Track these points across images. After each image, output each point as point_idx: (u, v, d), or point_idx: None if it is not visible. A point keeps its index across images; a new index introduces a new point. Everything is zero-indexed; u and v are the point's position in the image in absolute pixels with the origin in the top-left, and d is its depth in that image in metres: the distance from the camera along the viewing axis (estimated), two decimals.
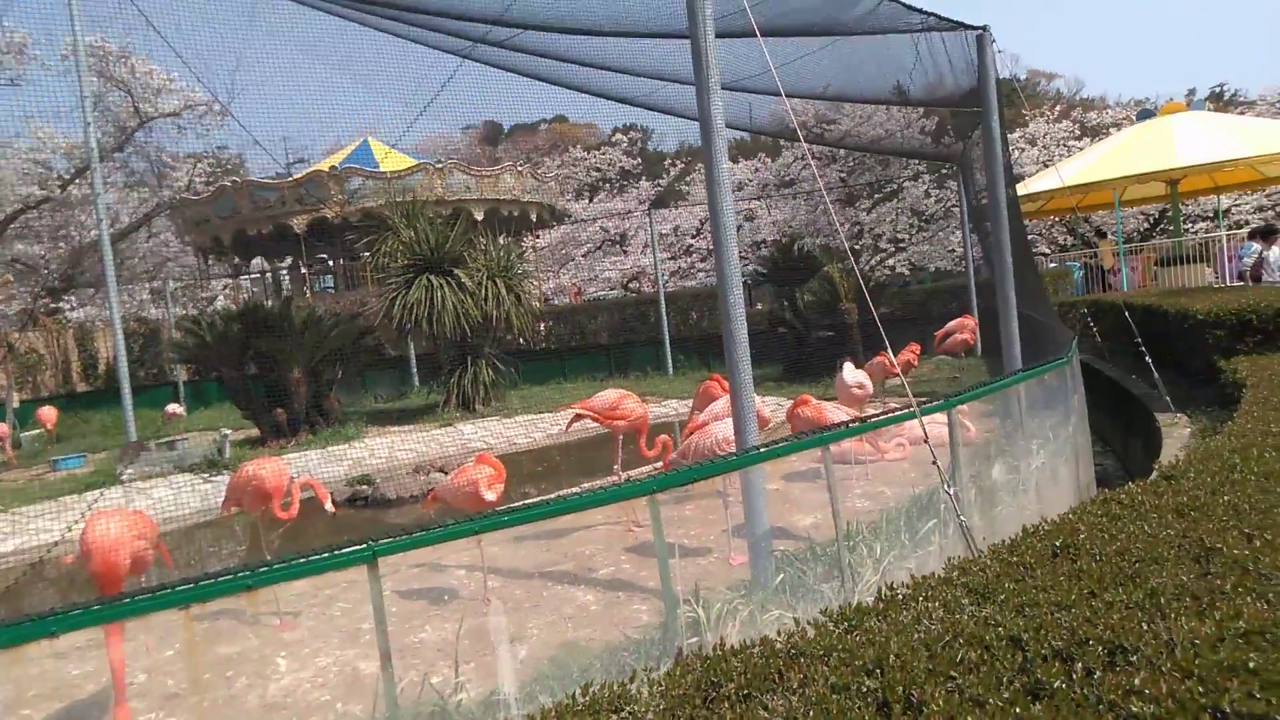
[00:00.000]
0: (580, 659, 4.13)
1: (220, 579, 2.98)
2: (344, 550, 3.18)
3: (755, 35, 4.89)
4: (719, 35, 6.27)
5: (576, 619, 4.95)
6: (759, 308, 21.69)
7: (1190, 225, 27.08)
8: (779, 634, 2.64)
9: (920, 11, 7.22)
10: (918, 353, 11.46)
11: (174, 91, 19.90)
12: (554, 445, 12.27)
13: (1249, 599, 2.38)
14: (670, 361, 18.49)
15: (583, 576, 5.67)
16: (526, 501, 6.53)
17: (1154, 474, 3.83)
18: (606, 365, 19.45)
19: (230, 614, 5.37)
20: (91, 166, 11.53)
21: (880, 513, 5.47)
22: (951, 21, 7.75)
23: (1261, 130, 19.40)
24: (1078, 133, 29.89)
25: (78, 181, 20.36)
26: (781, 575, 4.46)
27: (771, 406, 11.31)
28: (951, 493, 4.26)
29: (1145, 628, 2.25)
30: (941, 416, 5.12)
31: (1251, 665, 1.95)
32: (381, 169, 20.90)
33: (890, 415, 4.87)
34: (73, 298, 24.35)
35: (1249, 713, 1.83)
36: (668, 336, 18.67)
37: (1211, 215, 26.84)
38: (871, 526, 5.14)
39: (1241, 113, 29.18)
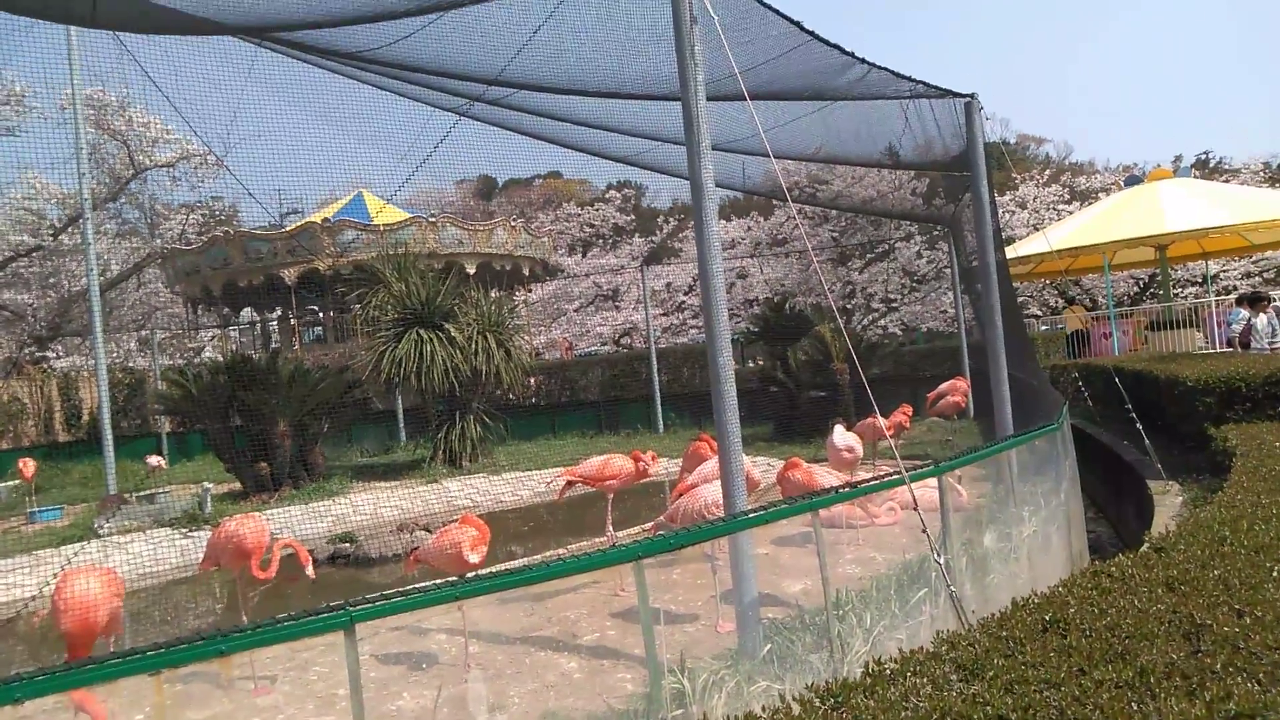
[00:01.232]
0: None
1: (193, 644, 2.90)
2: (320, 614, 3.10)
3: (745, 99, 4.95)
4: (711, 98, 6.37)
5: (559, 687, 4.83)
6: (750, 366, 21.72)
7: (1180, 290, 27.39)
8: (764, 710, 2.57)
9: (909, 79, 7.35)
10: (910, 414, 11.43)
11: (170, 142, 20.09)
12: (541, 503, 12.15)
13: (1239, 679, 2.33)
14: (661, 419, 18.43)
15: (567, 643, 5.55)
16: (509, 565, 6.44)
17: (1144, 546, 3.79)
18: (596, 422, 19.36)
19: (203, 677, 5.23)
20: (84, 216, 11.56)
21: (871, 580, 5.39)
22: (940, 89, 7.89)
23: (1248, 198, 19.74)
24: (1067, 197, 30.38)
25: (69, 230, 20.42)
26: (769, 645, 4.36)
27: (762, 467, 11.27)
28: (941, 561, 4.20)
29: (1135, 708, 2.20)
30: (932, 481, 5.08)
31: None
32: (375, 222, 21.01)
33: (880, 481, 4.82)
34: (59, 346, 24.23)
35: None
36: (659, 393, 18.63)
37: (1200, 280, 27.16)
38: (861, 595, 5.05)
39: (1227, 180, 29.73)
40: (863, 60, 6.69)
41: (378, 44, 6.08)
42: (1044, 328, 24.18)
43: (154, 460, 16.35)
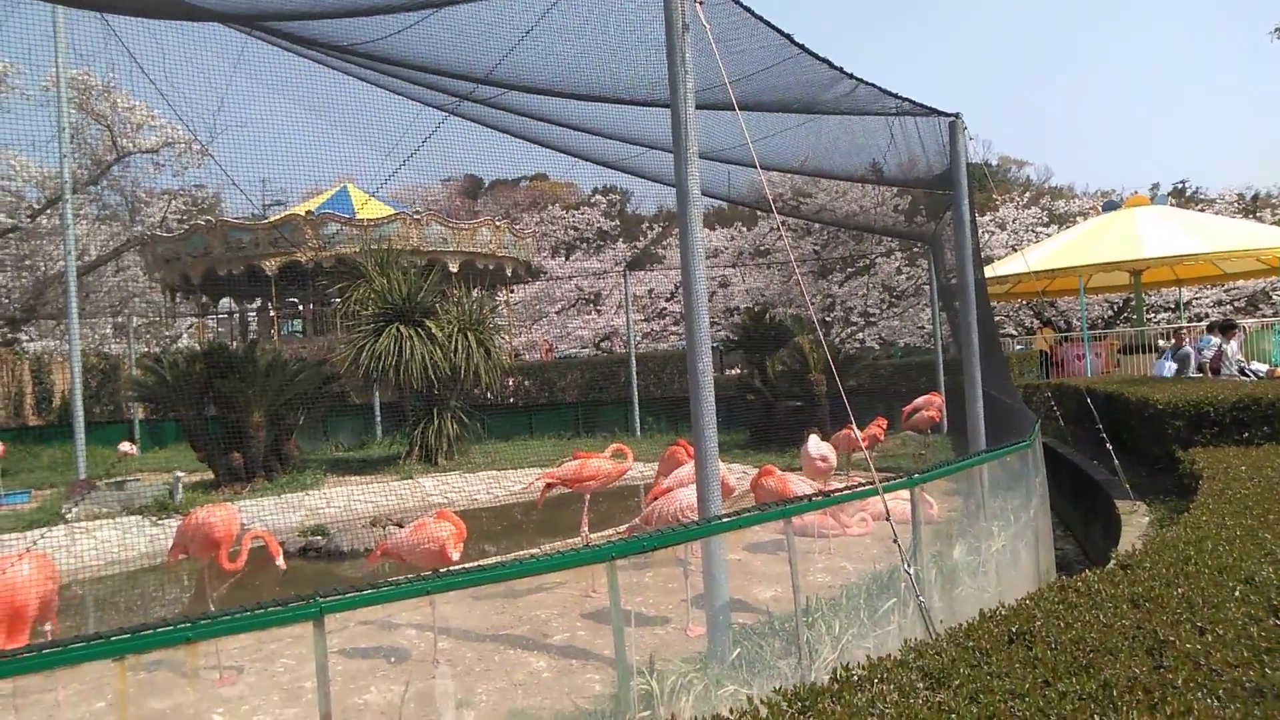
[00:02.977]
0: None
1: (159, 630, 2.89)
2: (290, 604, 3.10)
3: (734, 109, 4.98)
4: (700, 107, 6.40)
5: (528, 686, 4.82)
6: (729, 374, 21.79)
7: (1152, 315, 27.78)
8: (731, 712, 2.59)
9: (896, 96, 7.43)
10: (884, 427, 11.52)
11: (155, 128, 19.90)
12: (516, 503, 12.12)
13: (1200, 694, 2.38)
14: (638, 422, 18.45)
15: (537, 641, 5.55)
16: (482, 562, 6.43)
17: (1111, 563, 3.85)
18: (574, 423, 19.35)
19: (167, 665, 5.17)
20: (63, 198, 11.44)
21: (841, 589, 5.43)
22: (926, 107, 7.98)
23: (1222, 228, 20.09)
24: (1046, 219, 30.74)
25: (48, 212, 20.18)
26: (739, 649, 4.39)
27: (737, 474, 11.27)
28: (911, 572, 4.24)
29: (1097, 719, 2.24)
30: (905, 493, 5.12)
31: None
32: (359, 216, 20.94)
33: (854, 491, 4.86)
34: (32, 329, 23.91)
35: None
36: (637, 397, 18.65)
37: (1173, 306, 27.56)
38: (831, 603, 5.08)
39: (1202, 209, 30.23)
40: (851, 75, 6.75)
41: (369, 38, 6.07)
42: (1019, 347, 24.42)
43: (125, 447, 16.16)
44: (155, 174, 21.42)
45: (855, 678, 2.77)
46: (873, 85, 6.95)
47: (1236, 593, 3.23)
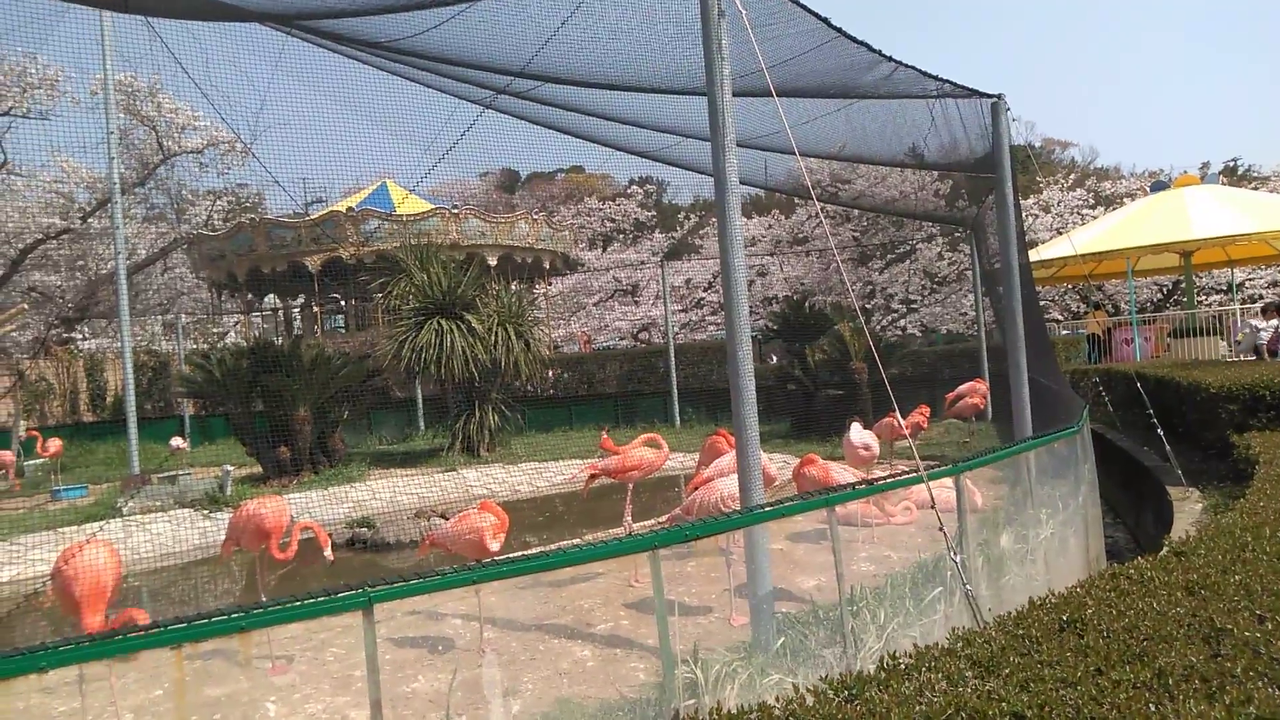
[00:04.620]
0: (574, 717, 4.05)
1: (213, 619, 2.95)
2: (340, 594, 3.15)
3: (772, 95, 4.94)
4: (736, 94, 6.36)
5: (572, 674, 4.86)
6: (769, 363, 21.68)
7: (1204, 298, 27.10)
8: (777, 700, 2.59)
9: (936, 78, 7.32)
10: (927, 415, 11.39)
11: (198, 129, 20.28)
12: (558, 494, 12.19)
13: (1260, 683, 2.32)
14: (678, 413, 18.45)
15: (581, 631, 5.59)
16: (526, 552, 6.47)
17: (1164, 549, 3.77)
18: (613, 415, 19.40)
19: (221, 654, 5.29)
20: (113, 200, 11.70)
21: (885, 578, 5.39)
22: (967, 89, 7.85)
23: (1275, 206, 19.50)
24: (1091, 201, 30.11)
25: (98, 214, 20.65)
26: (783, 638, 4.37)
27: (779, 464, 11.26)
28: (957, 560, 4.19)
29: (1153, 709, 2.20)
30: (949, 481, 5.07)
31: None
32: (398, 212, 21.12)
33: (897, 479, 4.82)
34: (85, 328, 24.52)
35: None
36: (676, 388, 18.64)
37: (1225, 289, 26.87)
38: (876, 592, 5.05)
39: (1255, 188, 29.38)
40: (890, 58, 6.67)
41: (405, 34, 6.12)
42: (1064, 332, 23.98)
43: (177, 442, 16.53)
44: (200, 174, 21.84)
45: (903, 666, 2.75)
46: (912, 68, 6.85)
47: None
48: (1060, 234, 24.89)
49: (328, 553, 5.51)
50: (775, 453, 12.52)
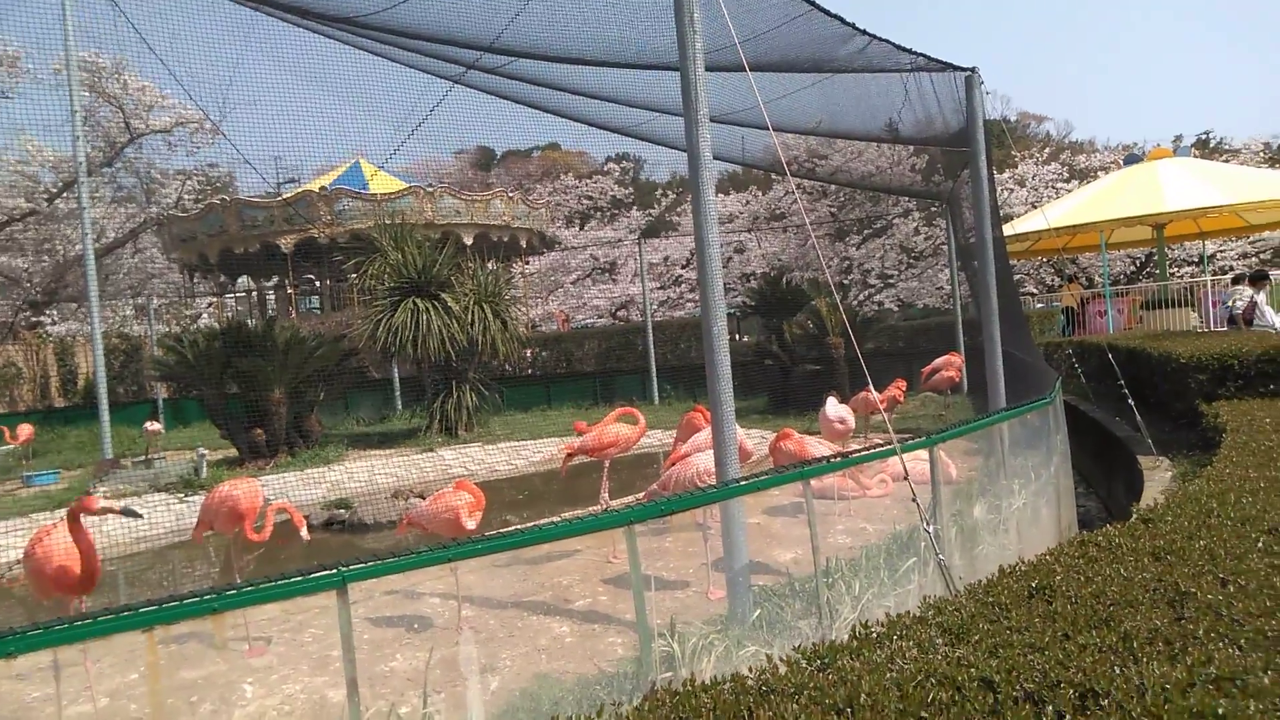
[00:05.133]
0: (552, 692, 4.07)
1: (185, 601, 2.93)
2: (313, 575, 3.14)
3: (745, 70, 4.92)
4: (710, 69, 6.32)
5: (551, 650, 4.88)
6: (746, 339, 21.73)
7: (1176, 269, 27.40)
8: (750, 670, 2.61)
9: (910, 52, 7.31)
10: (904, 389, 11.47)
11: (166, 108, 19.93)
12: (537, 473, 12.19)
13: (1221, 644, 2.37)
14: (656, 391, 18.47)
15: (559, 607, 5.61)
16: (502, 530, 6.48)
17: (1133, 517, 3.82)
18: (592, 393, 19.40)
19: (198, 637, 5.27)
20: (78, 180, 11.50)
21: (861, 549, 5.44)
22: (941, 62, 7.85)
23: (1246, 178, 19.71)
24: (1066, 175, 30.28)
25: (65, 195, 20.30)
26: (759, 610, 4.41)
27: (756, 439, 11.29)
28: (930, 531, 4.23)
29: (1117, 671, 2.23)
30: (923, 453, 5.11)
31: (1221, 711, 1.94)
32: (371, 191, 20.93)
33: (871, 451, 4.85)
34: (54, 312, 24.17)
35: None
36: (654, 365, 18.66)
37: (1197, 260, 27.16)
38: (851, 563, 5.10)
39: (1227, 160, 29.65)
40: (864, 32, 6.64)
41: (373, 8, 6.03)
42: (1039, 305, 24.18)
43: (151, 425, 16.37)
44: (169, 154, 21.49)
45: (874, 634, 2.78)
46: (886, 41, 6.84)
47: (1260, 543, 3.20)
48: (1035, 208, 25.03)
49: (304, 533, 5.49)
50: (753, 428, 12.58)
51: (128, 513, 4.90)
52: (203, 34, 8.28)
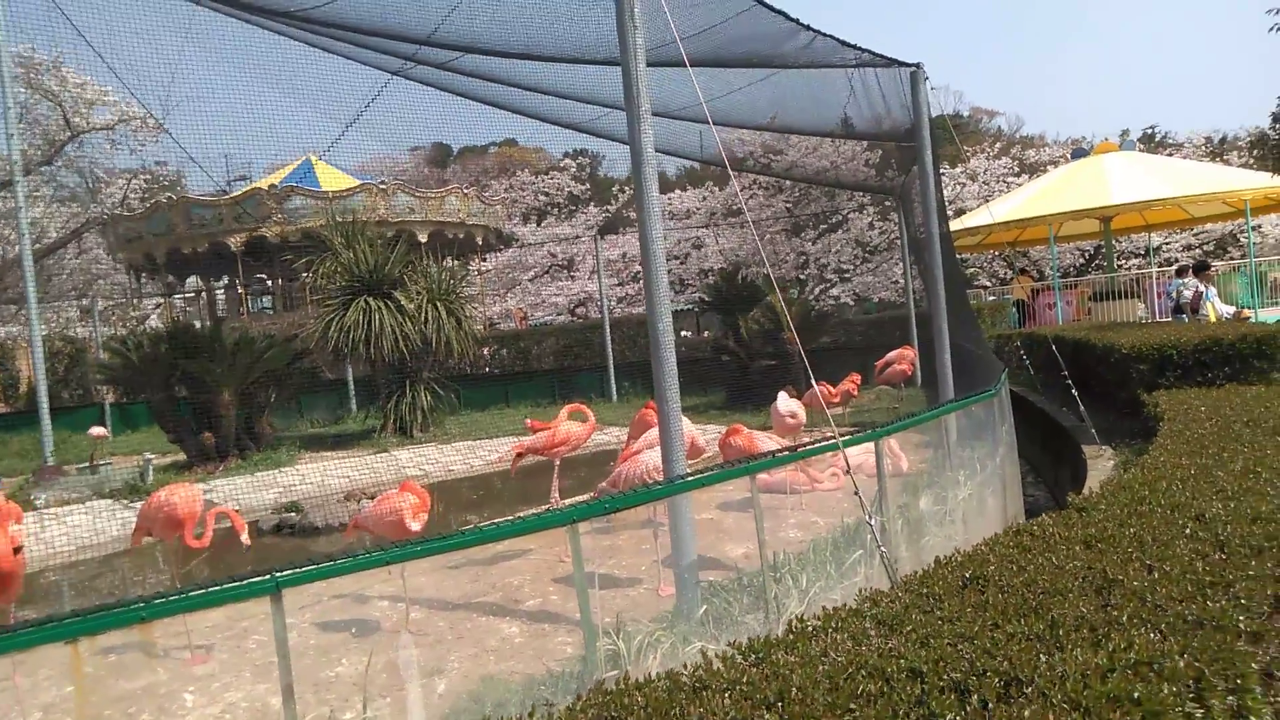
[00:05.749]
0: (498, 693, 4.04)
1: (112, 610, 2.86)
2: (246, 581, 3.08)
3: (686, 65, 4.91)
4: (656, 64, 6.31)
5: (500, 651, 4.85)
6: (705, 335, 21.79)
7: (1123, 261, 27.97)
8: (685, 667, 2.61)
9: (855, 48, 7.36)
10: (858, 383, 11.58)
11: (108, 104, 19.43)
12: (494, 473, 12.11)
13: (1143, 630, 2.41)
14: (615, 388, 18.47)
15: (509, 608, 5.57)
16: (443, 533, 6.41)
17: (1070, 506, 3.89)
18: (550, 391, 19.33)
19: (137, 647, 5.16)
20: (14, 180, 11.18)
21: (809, 543, 5.47)
22: (886, 58, 7.91)
23: (1189, 172, 20.18)
24: (1016, 169, 30.74)
25: (1, 194, 19.74)
26: (705, 606, 4.42)
27: (711, 435, 11.33)
28: (874, 523, 4.27)
29: (1042, 659, 2.26)
30: (871, 447, 5.15)
31: (1136, 695, 1.97)
32: (323, 188, 20.64)
33: (816, 445, 4.88)
34: None
35: None
36: (612, 363, 18.65)
37: (1143, 252, 27.75)
38: (799, 557, 5.13)
39: (1170, 154, 30.34)
40: (808, 27, 6.68)
41: (313, 3, 5.93)
42: (991, 298, 24.55)
43: (97, 431, 15.99)
44: (112, 152, 20.94)
45: (810, 628, 2.80)
46: (830, 37, 6.88)
47: (1187, 530, 3.27)
48: (987, 202, 25.40)
49: (244, 538, 5.39)
50: (710, 424, 12.62)
51: None
52: (141, 28, 8.08)
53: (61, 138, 19.63)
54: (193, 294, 25.80)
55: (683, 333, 31.06)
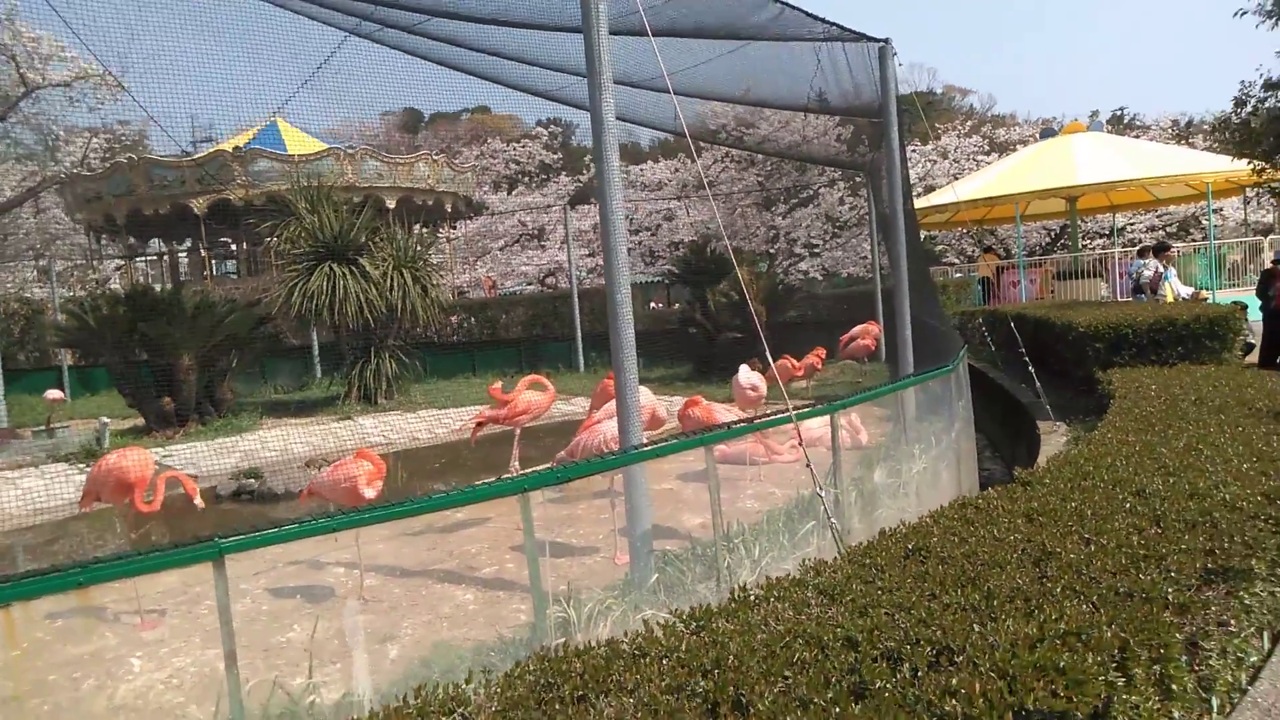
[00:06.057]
0: (448, 659, 4.05)
1: (48, 575, 2.82)
2: (188, 546, 3.05)
3: (649, 35, 4.86)
4: (623, 33, 6.24)
5: (453, 618, 4.86)
6: (675, 307, 21.76)
7: (1088, 241, 28.28)
8: (625, 635, 2.62)
9: (823, 21, 7.31)
10: (823, 356, 11.66)
11: (65, 60, 18.86)
12: (458, 441, 12.07)
13: (1075, 601, 2.46)
14: (583, 359, 18.42)
15: (464, 575, 5.57)
16: (398, 500, 6.40)
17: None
18: (517, 360, 19.24)
19: (85, 612, 5.10)
20: None
21: (764, 514, 5.52)
22: (854, 33, 7.87)
23: (1154, 154, 20.41)
24: (986, 148, 30.88)
25: None
26: (657, 575, 4.45)
27: (676, 406, 11.37)
28: (825, 495, 4.31)
29: (975, 629, 2.30)
30: (826, 419, 5.19)
31: (1062, 665, 2.01)
32: (290, 152, 20.29)
33: (772, 418, 4.91)
34: None
35: (1049, 711, 1.87)
36: (580, 333, 18.58)
37: (1108, 232, 28.07)
38: (754, 527, 5.17)
39: (1138, 136, 30.63)
40: None
41: None
42: (957, 275, 24.75)
43: (53, 394, 15.70)
44: (70, 110, 20.33)
45: (753, 597, 2.83)
46: (798, 9, 6.82)
47: (1126, 505, 3.33)
48: (958, 179, 25.52)
49: (198, 502, 5.33)
50: (677, 395, 12.64)
51: None
52: None
53: (16, 93, 19.05)
54: (155, 256, 25.33)
55: (653, 305, 31.04)
